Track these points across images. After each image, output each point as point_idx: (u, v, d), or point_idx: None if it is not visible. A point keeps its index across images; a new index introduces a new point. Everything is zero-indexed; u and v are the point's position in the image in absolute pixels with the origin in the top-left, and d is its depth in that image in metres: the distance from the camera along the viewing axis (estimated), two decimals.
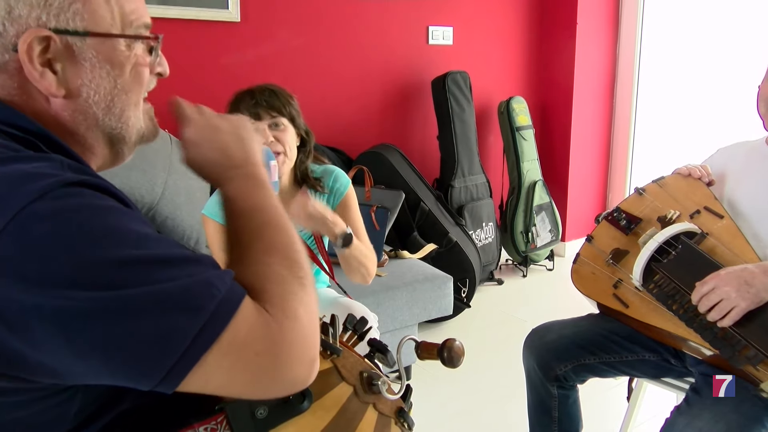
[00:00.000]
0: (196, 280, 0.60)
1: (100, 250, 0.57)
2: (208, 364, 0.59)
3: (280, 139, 1.67)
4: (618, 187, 4.28)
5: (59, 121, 0.70)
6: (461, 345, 0.77)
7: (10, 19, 0.65)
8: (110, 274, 0.56)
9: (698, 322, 1.42)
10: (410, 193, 3.17)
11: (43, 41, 0.65)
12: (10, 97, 0.69)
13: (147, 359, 0.57)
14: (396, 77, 3.48)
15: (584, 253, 1.76)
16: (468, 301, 3.25)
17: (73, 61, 0.68)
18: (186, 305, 0.58)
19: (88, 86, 0.70)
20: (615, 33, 4.09)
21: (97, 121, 0.72)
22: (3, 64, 0.67)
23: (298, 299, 0.67)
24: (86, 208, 0.59)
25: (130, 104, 0.74)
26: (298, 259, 0.72)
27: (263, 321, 0.63)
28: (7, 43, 0.66)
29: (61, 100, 0.69)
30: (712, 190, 1.69)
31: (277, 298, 0.65)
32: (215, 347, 0.59)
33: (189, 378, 0.59)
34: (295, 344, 0.63)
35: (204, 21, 2.78)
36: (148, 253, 0.59)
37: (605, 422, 2.22)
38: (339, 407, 0.75)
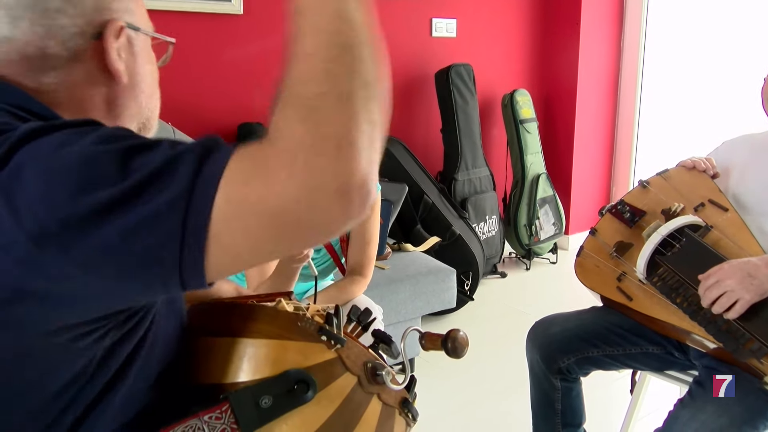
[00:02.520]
0: (169, 156, 0.56)
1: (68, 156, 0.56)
2: (221, 233, 0.54)
3: None
4: (622, 179, 4.27)
5: (111, 108, 0.75)
6: (465, 335, 0.77)
7: (98, 9, 0.70)
8: (87, 177, 0.55)
9: (702, 315, 1.42)
10: (414, 186, 3.17)
11: (117, 32, 0.72)
12: (63, 87, 0.70)
13: (154, 251, 0.54)
14: (399, 70, 3.47)
15: (588, 246, 1.76)
16: (471, 294, 3.25)
17: (132, 53, 0.75)
18: (163, 183, 0.54)
19: (141, 77, 0.77)
20: (619, 25, 4.07)
21: (141, 108, 0.79)
22: (79, 52, 0.70)
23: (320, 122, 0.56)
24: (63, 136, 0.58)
25: (157, 96, 0.83)
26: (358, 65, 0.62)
27: (259, 161, 0.55)
28: (90, 31, 0.70)
29: (122, 87, 0.74)
30: (717, 182, 1.68)
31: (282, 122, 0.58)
32: (215, 213, 0.53)
33: (212, 256, 0.54)
34: (310, 175, 0.53)
35: (207, 13, 2.77)
36: (118, 146, 0.57)
37: (608, 415, 2.22)
38: (343, 397, 0.75)
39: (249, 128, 2.89)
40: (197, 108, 2.83)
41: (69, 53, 0.70)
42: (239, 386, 0.72)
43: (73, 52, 0.70)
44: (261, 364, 0.74)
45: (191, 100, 2.80)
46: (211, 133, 2.08)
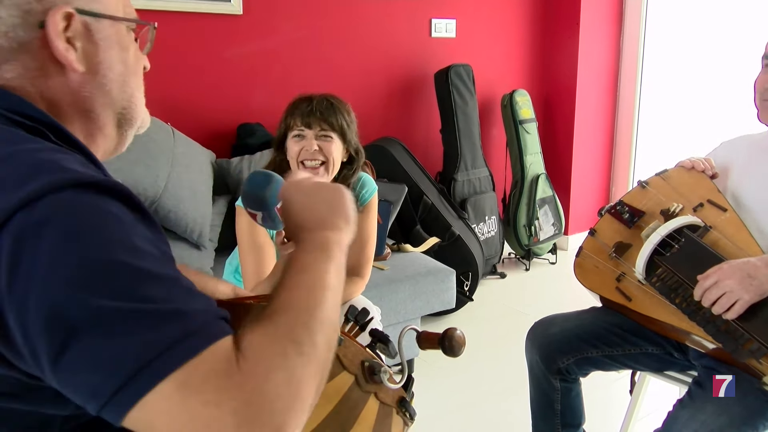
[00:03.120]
0: (171, 308, 0.56)
1: (84, 251, 0.56)
2: (152, 406, 0.53)
3: (324, 148, 1.68)
4: (621, 180, 4.27)
5: (76, 100, 0.73)
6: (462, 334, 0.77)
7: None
8: (86, 279, 0.55)
9: (701, 316, 1.41)
10: (413, 187, 3.17)
11: (65, 19, 0.69)
12: (26, 82, 0.70)
13: (97, 376, 0.54)
14: (399, 70, 3.48)
15: (587, 246, 1.76)
16: (471, 294, 3.25)
17: (90, 39, 0.73)
18: (150, 330, 0.54)
19: (104, 64, 0.74)
20: (619, 25, 4.07)
21: (112, 99, 0.76)
22: (26, 43, 0.69)
23: (284, 365, 0.58)
24: (88, 211, 0.58)
25: (137, 86, 0.80)
26: (311, 327, 0.64)
27: (227, 369, 0.55)
28: (32, 21, 0.68)
29: (80, 76, 0.73)
30: (716, 183, 1.68)
31: (256, 352, 0.58)
32: (163, 386, 0.53)
33: (132, 415, 0.54)
34: (255, 406, 0.55)
35: (206, 14, 2.77)
36: (135, 265, 0.57)
37: (608, 415, 2.22)
38: (341, 396, 0.75)
39: (248, 128, 2.89)
40: (197, 108, 2.83)
41: (14, 44, 0.69)
42: None
43: (19, 43, 0.69)
44: None
45: (191, 100, 2.80)
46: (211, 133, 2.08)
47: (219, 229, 2.61)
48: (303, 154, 1.69)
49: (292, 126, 1.71)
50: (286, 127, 1.74)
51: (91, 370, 0.54)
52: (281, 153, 1.76)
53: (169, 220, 2.37)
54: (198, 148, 2.64)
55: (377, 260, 2.65)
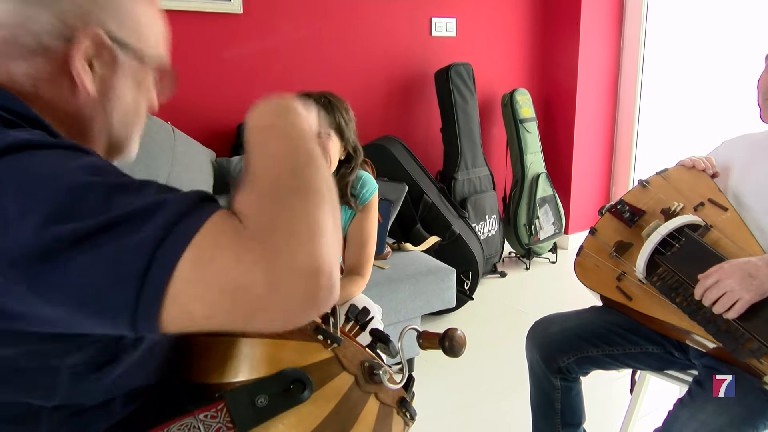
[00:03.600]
0: (150, 201, 0.56)
1: (51, 180, 0.56)
2: (179, 293, 0.53)
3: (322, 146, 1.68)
4: (621, 179, 4.27)
5: (77, 115, 0.74)
6: (463, 334, 0.77)
7: (79, 13, 0.70)
8: (56, 213, 0.54)
9: (702, 315, 1.41)
10: (413, 186, 3.17)
11: (95, 42, 0.71)
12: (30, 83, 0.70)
13: (110, 293, 0.53)
14: (399, 69, 3.47)
15: (587, 245, 1.76)
16: (471, 293, 3.25)
17: (111, 68, 0.74)
18: (142, 226, 0.54)
19: (114, 93, 0.75)
20: (619, 24, 4.07)
21: (110, 126, 0.77)
22: (49, 50, 0.70)
23: (284, 207, 0.58)
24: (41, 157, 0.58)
25: (138, 123, 0.82)
26: (298, 169, 0.63)
27: (232, 230, 0.55)
28: (66, 34, 0.69)
29: (88, 97, 0.73)
30: (717, 182, 1.68)
31: (252, 207, 0.58)
32: (178, 271, 0.52)
33: (166, 312, 0.53)
34: (273, 249, 0.54)
35: (206, 13, 2.77)
36: (102, 180, 0.57)
37: (608, 414, 2.22)
38: (340, 397, 0.75)
39: None
40: (197, 107, 2.83)
41: (37, 47, 0.69)
42: (235, 385, 0.72)
43: (42, 48, 0.69)
44: (257, 364, 0.74)
45: (191, 100, 2.80)
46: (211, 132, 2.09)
47: None
48: None
49: None
50: None
51: (102, 292, 0.53)
52: None
53: None
54: (198, 147, 2.64)
55: (377, 259, 2.65)
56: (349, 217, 1.84)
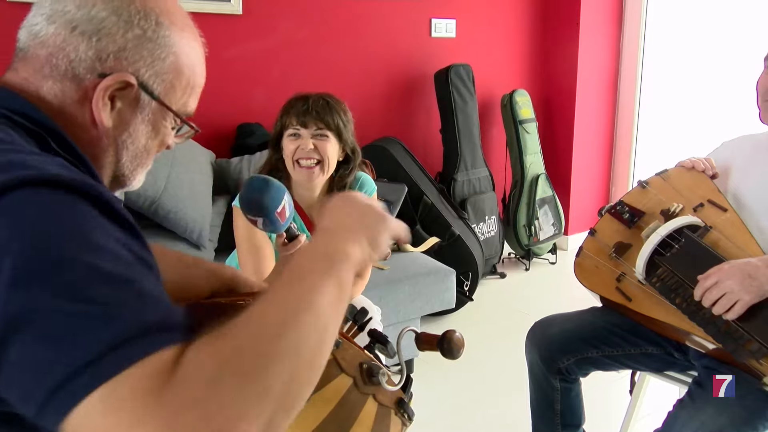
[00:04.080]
0: (114, 313, 0.52)
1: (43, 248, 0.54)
2: (83, 413, 0.49)
3: (319, 148, 1.68)
4: (621, 180, 4.27)
5: (91, 142, 0.76)
6: (461, 336, 0.77)
7: (118, 56, 0.73)
8: (30, 274, 0.53)
9: (701, 316, 1.41)
10: (413, 187, 3.17)
11: (123, 84, 0.73)
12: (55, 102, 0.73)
13: (32, 378, 0.51)
14: (399, 70, 3.47)
15: (587, 246, 1.76)
16: (471, 294, 3.25)
17: (133, 109, 0.77)
18: (86, 334, 0.51)
19: (130, 133, 0.78)
20: (619, 25, 4.07)
21: (119, 161, 0.80)
22: (79, 78, 0.72)
23: (212, 398, 0.50)
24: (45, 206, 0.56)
25: (145, 164, 0.84)
26: (267, 358, 0.54)
27: (152, 388, 0.49)
28: (99, 69, 0.72)
29: (104, 129, 0.75)
30: (716, 183, 1.68)
31: (188, 374, 0.50)
32: (89, 400, 0.49)
33: (70, 419, 0.49)
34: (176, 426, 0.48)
35: (206, 13, 2.77)
36: (88, 262, 0.54)
37: (608, 415, 2.22)
38: (339, 398, 0.75)
39: (248, 128, 2.89)
40: (196, 108, 2.82)
41: (69, 73, 0.72)
42: None
43: (73, 74, 0.72)
44: None
45: None
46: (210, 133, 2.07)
47: (219, 229, 2.61)
48: (298, 153, 1.68)
49: (288, 125, 1.71)
50: (282, 126, 1.73)
51: (26, 371, 0.51)
52: (277, 152, 1.76)
53: (169, 221, 2.37)
54: (197, 148, 2.64)
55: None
56: None
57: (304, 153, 1.67)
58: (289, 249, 1.37)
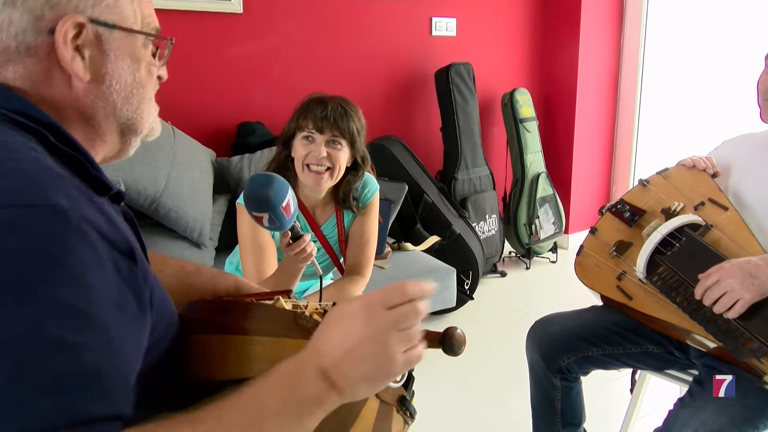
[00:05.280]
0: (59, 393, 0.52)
1: None
2: None
3: (332, 156, 1.67)
4: (622, 179, 4.27)
5: (78, 106, 0.73)
6: (462, 333, 0.77)
7: (50, 4, 0.69)
8: None
9: (702, 315, 1.41)
10: (413, 185, 3.17)
11: (76, 27, 0.70)
12: (28, 84, 0.70)
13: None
14: (399, 69, 3.47)
15: (588, 245, 1.76)
16: (471, 293, 3.25)
17: (100, 50, 0.73)
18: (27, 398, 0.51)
19: (111, 75, 0.74)
20: (619, 24, 4.07)
21: (115, 109, 0.76)
22: (34, 47, 0.69)
23: None
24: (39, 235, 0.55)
25: (145, 98, 0.79)
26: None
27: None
28: (42, 27, 0.69)
29: (84, 85, 0.72)
30: (717, 181, 1.68)
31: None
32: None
33: None
34: None
35: (207, 12, 2.77)
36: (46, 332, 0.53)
37: (608, 414, 2.22)
38: None
39: (248, 127, 2.89)
40: (197, 107, 2.83)
41: (21, 47, 0.69)
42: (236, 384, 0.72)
43: (26, 46, 0.69)
44: (258, 362, 0.74)
45: (191, 99, 2.80)
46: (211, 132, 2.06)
47: (219, 227, 2.61)
48: (310, 158, 1.67)
49: (303, 127, 1.69)
50: (297, 127, 1.71)
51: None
52: (286, 149, 1.75)
53: (170, 219, 2.37)
54: (198, 146, 2.64)
55: (378, 259, 2.65)
56: (351, 218, 1.84)
57: (316, 159, 1.66)
58: (293, 249, 1.37)
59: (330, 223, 1.82)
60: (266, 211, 1.21)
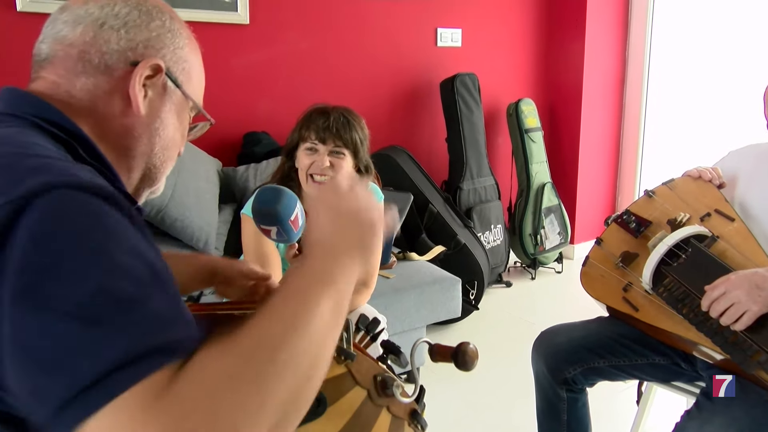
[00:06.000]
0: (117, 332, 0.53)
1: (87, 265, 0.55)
2: (97, 423, 0.51)
3: (336, 166, 1.68)
4: (627, 189, 4.26)
5: (123, 133, 0.78)
6: (475, 348, 0.77)
7: (146, 44, 0.78)
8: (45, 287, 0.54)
9: (709, 326, 1.41)
10: (419, 195, 3.17)
11: (154, 70, 0.78)
12: (87, 98, 0.75)
13: (41, 394, 0.52)
14: (404, 79, 3.48)
15: (593, 255, 1.76)
16: (476, 303, 3.25)
17: (161, 97, 0.81)
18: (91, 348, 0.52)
19: (161, 122, 0.82)
20: (624, 34, 4.08)
21: (151, 151, 0.82)
22: (113, 69, 0.76)
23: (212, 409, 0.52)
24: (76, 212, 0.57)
25: (172, 157, 0.87)
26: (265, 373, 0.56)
27: (152, 404, 0.51)
28: (129, 57, 0.77)
29: (137, 118, 0.78)
30: (723, 192, 1.68)
31: (189, 385, 0.53)
32: (94, 420, 0.50)
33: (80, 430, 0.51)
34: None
35: (213, 23, 2.79)
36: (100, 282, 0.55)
37: (614, 426, 2.21)
38: (353, 411, 0.75)
39: (254, 137, 2.90)
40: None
41: (102, 65, 0.76)
42: None
43: (106, 66, 0.76)
44: None
45: None
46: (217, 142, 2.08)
47: (225, 237, 2.61)
48: (313, 168, 1.68)
49: (306, 138, 1.71)
50: (300, 138, 1.73)
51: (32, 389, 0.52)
52: (290, 160, 1.76)
53: (176, 228, 2.38)
54: (204, 156, 2.65)
55: (383, 269, 2.65)
56: None
57: (319, 169, 1.68)
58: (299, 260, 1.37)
59: None
60: (275, 225, 1.21)
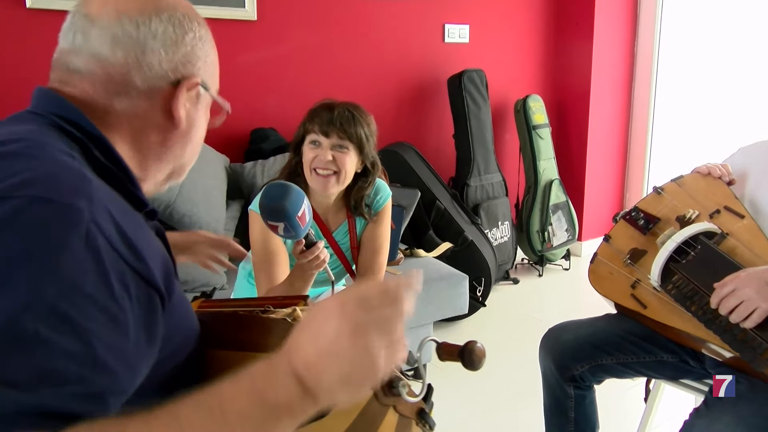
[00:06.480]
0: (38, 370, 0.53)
1: None
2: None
3: (338, 159, 1.68)
4: (636, 186, 4.24)
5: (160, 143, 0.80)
6: (483, 347, 0.76)
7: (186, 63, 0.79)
8: None
9: (717, 324, 1.40)
10: (426, 192, 3.17)
11: (193, 87, 0.80)
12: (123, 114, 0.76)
13: None
14: (412, 75, 3.48)
15: (602, 252, 1.75)
16: (483, 300, 3.24)
17: (195, 105, 0.83)
18: None
19: (196, 126, 0.85)
20: (633, 29, 4.05)
21: (183, 154, 0.85)
22: (155, 90, 0.77)
23: None
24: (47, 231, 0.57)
25: (198, 151, 0.90)
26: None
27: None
28: (171, 78, 0.78)
29: (177, 131, 0.81)
30: (733, 189, 1.67)
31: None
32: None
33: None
34: None
35: (221, 19, 2.79)
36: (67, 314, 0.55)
37: (622, 423, 2.20)
38: (359, 410, 0.74)
39: (262, 133, 2.90)
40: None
41: (145, 86, 0.76)
42: None
43: (149, 87, 0.77)
44: None
45: None
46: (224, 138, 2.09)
47: (233, 233, 2.62)
48: (316, 162, 1.68)
49: (310, 131, 1.71)
50: (305, 132, 1.73)
51: None
52: (297, 155, 1.77)
53: (183, 224, 2.38)
54: (211, 152, 2.66)
55: (390, 265, 2.65)
56: (363, 224, 1.84)
57: (322, 163, 1.68)
58: (307, 256, 1.37)
59: (342, 230, 1.82)
60: (282, 221, 1.21)
